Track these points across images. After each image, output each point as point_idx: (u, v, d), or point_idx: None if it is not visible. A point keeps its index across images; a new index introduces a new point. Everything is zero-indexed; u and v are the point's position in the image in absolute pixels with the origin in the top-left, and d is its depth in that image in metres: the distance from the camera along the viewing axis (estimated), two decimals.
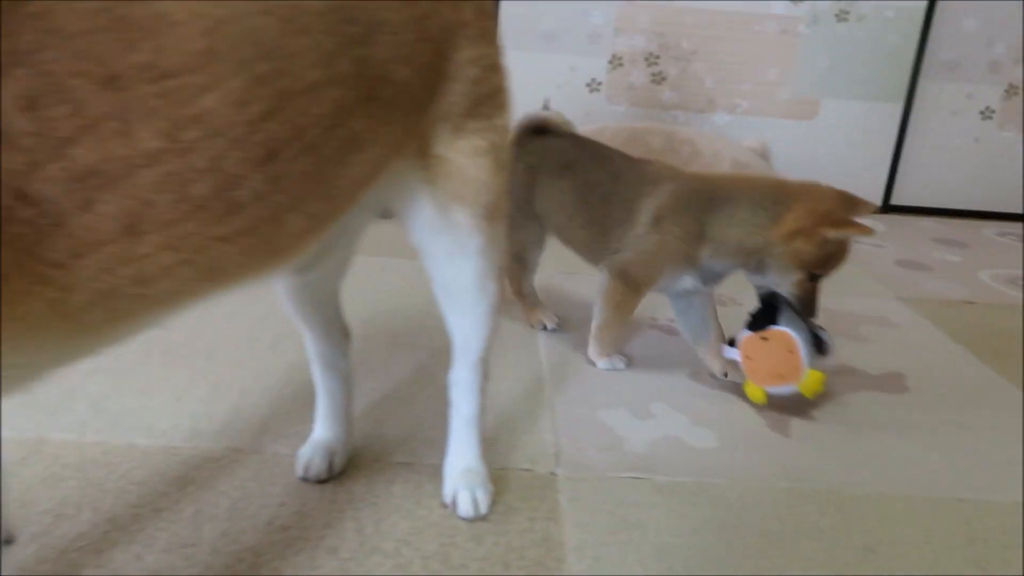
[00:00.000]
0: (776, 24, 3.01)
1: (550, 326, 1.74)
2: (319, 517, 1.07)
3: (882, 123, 3.10)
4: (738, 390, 1.50)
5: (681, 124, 3.05)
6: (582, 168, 1.62)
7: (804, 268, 1.40)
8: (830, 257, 1.41)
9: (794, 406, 1.47)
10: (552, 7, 2.97)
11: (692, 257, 1.48)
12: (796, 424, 1.43)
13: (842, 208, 1.40)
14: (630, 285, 1.55)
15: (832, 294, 2.16)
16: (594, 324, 1.60)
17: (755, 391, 1.43)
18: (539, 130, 1.72)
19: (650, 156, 1.80)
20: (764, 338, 1.41)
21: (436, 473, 1.17)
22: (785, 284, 1.43)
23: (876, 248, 2.68)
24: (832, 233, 1.36)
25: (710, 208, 1.46)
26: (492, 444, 1.27)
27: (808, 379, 1.38)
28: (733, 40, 3.03)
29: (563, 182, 1.63)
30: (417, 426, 1.32)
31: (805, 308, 1.44)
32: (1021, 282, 2.42)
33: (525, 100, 1.40)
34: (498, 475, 1.19)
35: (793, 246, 1.38)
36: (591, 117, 2.97)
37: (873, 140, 3.14)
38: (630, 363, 1.60)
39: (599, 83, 3.06)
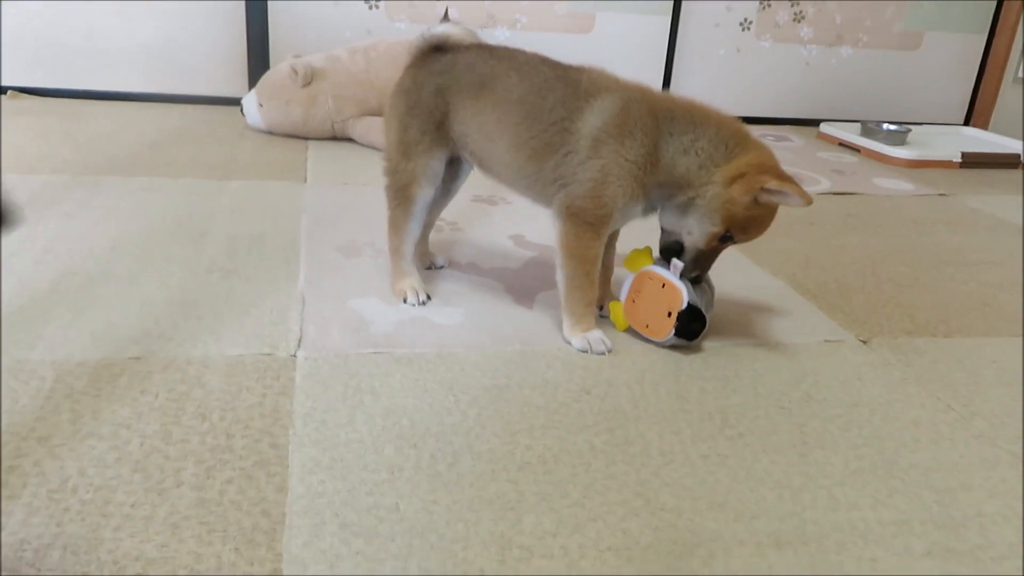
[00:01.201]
0: None
1: (411, 300, 1.45)
2: (31, 413, 1.04)
3: (654, 36, 3.27)
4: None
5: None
6: (501, 83, 1.38)
7: (726, 222, 1.27)
8: (753, 220, 1.29)
9: (544, 281, 1.57)
10: None
11: (646, 186, 1.30)
12: (540, 296, 1.53)
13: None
14: (585, 227, 1.31)
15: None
16: (561, 292, 1.37)
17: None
18: (441, 47, 1.45)
19: None
20: (663, 284, 1.34)
21: (168, 365, 1.16)
22: (698, 233, 1.30)
23: None
24: (773, 185, 1.23)
25: (668, 130, 1.28)
26: (234, 335, 1.28)
27: (615, 311, 1.42)
28: None
29: (480, 102, 1.39)
30: (153, 323, 1.30)
31: (697, 266, 1.33)
32: None
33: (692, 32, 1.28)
34: (235, 361, 1.20)
35: (730, 192, 1.25)
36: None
37: (647, 52, 3.31)
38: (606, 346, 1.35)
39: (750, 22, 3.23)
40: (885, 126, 3.14)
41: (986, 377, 1.35)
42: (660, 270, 1.36)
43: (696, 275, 1.34)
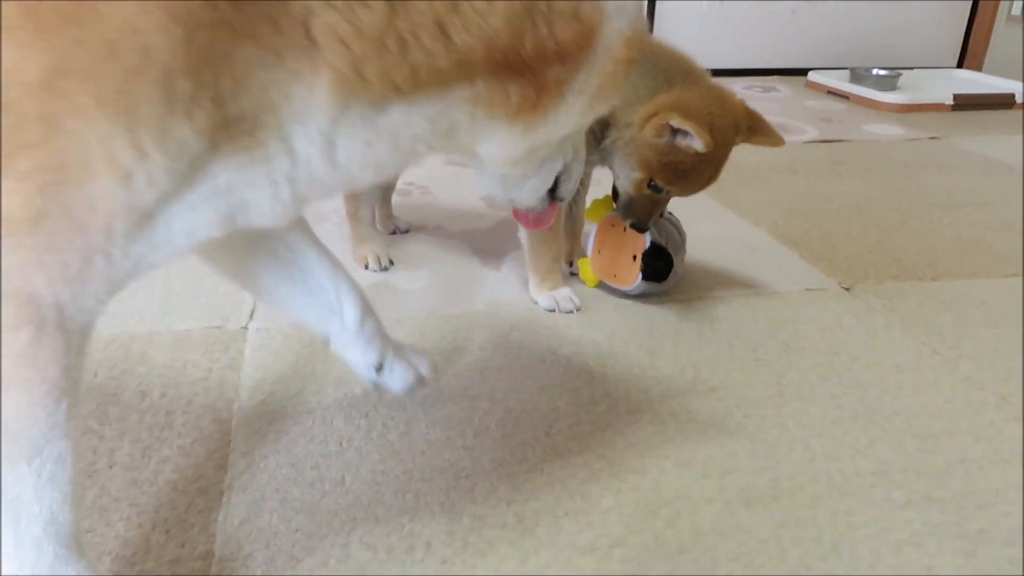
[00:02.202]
0: None
1: (372, 266, 1.38)
2: None
3: None
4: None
5: None
6: None
7: (644, 167, 1.16)
8: (675, 167, 1.15)
9: (516, 242, 1.51)
10: None
11: (596, 134, 1.20)
12: (511, 257, 1.47)
13: (734, 122, 1.17)
14: None
15: None
16: (525, 249, 1.30)
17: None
18: None
19: None
20: (625, 229, 1.26)
21: (112, 342, 1.11)
22: (623, 179, 1.21)
23: None
24: (676, 122, 1.09)
25: None
26: (184, 309, 1.22)
27: (583, 268, 1.36)
28: None
29: None
30: None
31: (630, 213, 1.22)
32: None
33: None
34: (183, 335, 1.14)
35: (642, 133, 1.14)
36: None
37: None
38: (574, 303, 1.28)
39: None
40: (875, 71, 3.05)
41: (973, 319, 1.29)
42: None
43: (634, 222, 1.23)
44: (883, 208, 1.82)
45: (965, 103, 2.86)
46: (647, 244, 1.26)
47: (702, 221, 1.67)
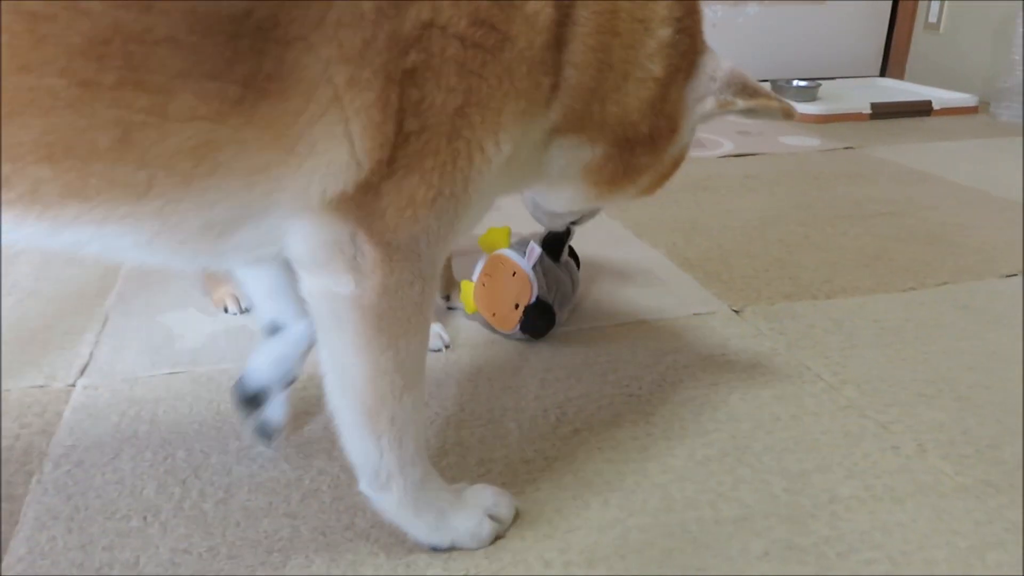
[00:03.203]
0: None
1: (231, 308, 1.30)
2: None
3: None
4: None
5: None
6: None
7: None
8: None
9: None
10: None
11: None
12: None
13: None
14: None
15: None
16: None
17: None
18: None
19: None
20: (513, 273, 1.20)
21: None
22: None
23: None
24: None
25: None
26: (9, 366, 1.11)
27: (465, 291, 1.26)
28: None
29: None
30: None
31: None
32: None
33: None
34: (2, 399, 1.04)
35: None
36: None
37: None
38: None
39: None
40: (795, 83, 3.03)
41: (864, 339, 1.24)
42: (514, 255, 1.21)
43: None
44: (789, 222, 1.77)
45: (883, 112, 2.85)
46: (532, 297, 1.19)
47: (597, 244, 1.61)
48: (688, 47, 0.79)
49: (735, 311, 1.33)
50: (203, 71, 0.57)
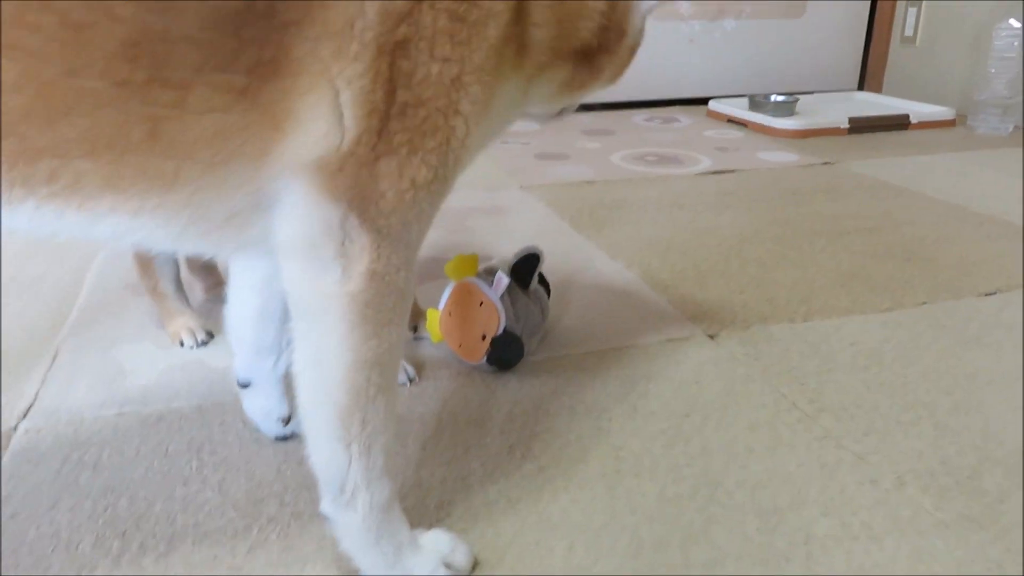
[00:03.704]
0: None
1: (188, 342, 1.24)
2: None
3: None
4: None
5: None
6: None
7: None
8: None
9: None
10: None
11: None
12: None
13: None
14: None
15: (453, 193, 2.12)
16: None
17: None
18: None
19: None
20: (480, 303, 1.16)
21: None
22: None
23: (521, 145, 2.68)
24: None
25: None
26: None
27: (431, 320, 1.22)
28: None
29: None
30: None
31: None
32: (648, 158, 2.51)
33: None
34: None
35: None
36: None
37: None
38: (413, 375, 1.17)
39: None
40: (772, 98, 3.02)
41: (841, 362, 1.20)
42: (481, 285, 1.17)
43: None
44: (765, 240, 1.74)
45: (861, 126, 2.84)
46: (500, 328, 1.15)
47: (570, 267, 1.57)
48: None
49: (710, 336, 1.29)
50: (214, 64, 0.62)
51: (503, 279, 1.15)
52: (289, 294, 0.72)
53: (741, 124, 2.99)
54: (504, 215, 1.93)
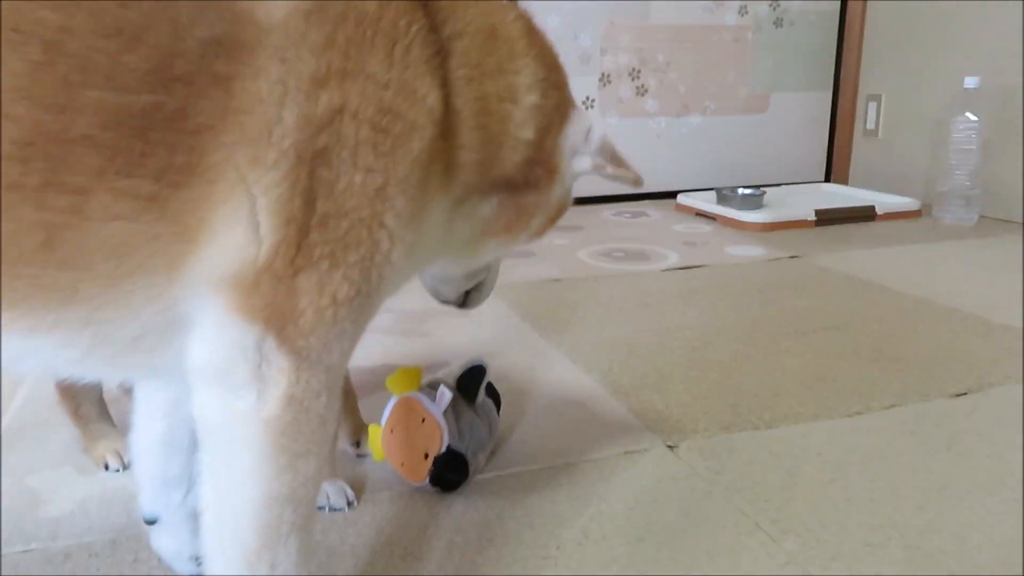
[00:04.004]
0: None
1: (113, 465, 1.17)
2: None
3: None
4: None
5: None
6: None
7: None
8: None
9: None
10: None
11: None
12: None
13: None
14: None
15: (410, 295, 2.08)
16: None
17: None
18: None
19: None
20: (423, 419, 1.10)
21: None
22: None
23: None
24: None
25: None
26: None
27: (373, 437, 1.15)
28: None
29: None
30: None
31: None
32: (616, 254, 2.49)
33: None
34: None
35: None
36: None
37: None
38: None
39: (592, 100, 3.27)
40: (740, 191, 3.04)
41: (806, 475, 1.14)
42: (423, 400, 1.11)
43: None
44: (729, 340, 1.69)
45: (827, 218, 2.85)
46: (443, 447, 1.08)
47: (527, 371, 1.51)
48: (557, 102, 0.85)
49: (670, 446, 1.23)
50: (117, 168, 0.58)
51: (446, 393, 1.09)
52: (198, 420, 0.67)
53: (710, 217, 3.00)
54: (464, 317, 1.88)
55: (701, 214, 3.05)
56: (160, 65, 0.59)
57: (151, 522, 0.90)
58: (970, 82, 2.75)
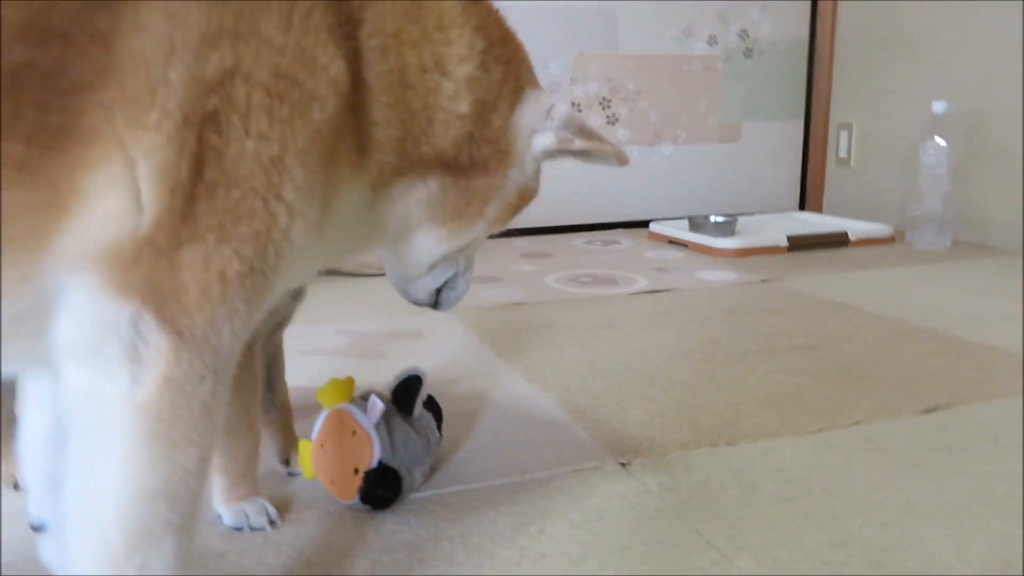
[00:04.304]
0: None
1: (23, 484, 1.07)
2: None
3: None
4: None
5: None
6: None
7: None
8: None
9: None
10: None
11: None
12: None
13: None
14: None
15: (366, 317, 2.01)
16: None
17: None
18: None
19: None
20: (353, 432, 1.02)
21: None
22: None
23: None
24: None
25: None
26: None
27: (303, 452, 1.07)
28: None
29: None
30: None
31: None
32: (583, 279, 2.43)
33: None
34: None
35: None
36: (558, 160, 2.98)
37: None
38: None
39: None
40: (712, 218, 3.01)
41: (765, 492, 1.07)
42: (354, 412, 1.04)
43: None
44: (694, 360, 1.63)
45: (800, 244, 2.81)
46: (374, 461, 1.01)
47: (482, 392, 1.44)
48: (502, 76, 0.80)
49: (622, 464, 1.16)
50: None
51: (376, 403, 1.02)
52: (67, 406, 0.60)
53: (681, 245, 2.95)
54: (422, 339, 1.81)
55: (673, 242, 3.01)
56: (34, 19, 0.54)
57: (38, 529, 0.82)
58: (938, 107, 2.74)
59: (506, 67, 0.81)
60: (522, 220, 0.91)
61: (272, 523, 0.99)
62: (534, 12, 3.08)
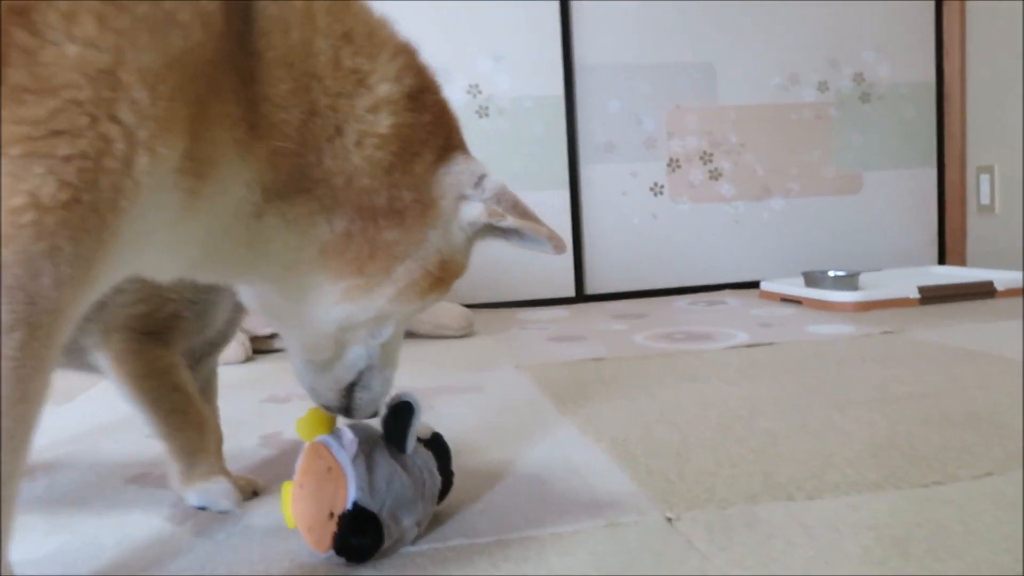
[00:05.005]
0: None
1: None
2: None
3: (553, 211, 2.96)
4: None
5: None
6: None
7: None
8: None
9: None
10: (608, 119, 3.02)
11: None
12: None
13: None
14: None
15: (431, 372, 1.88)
16: (154, 427, 0.96)
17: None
18: None
19: None
20: (329, 468, 0.87)
21: None
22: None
23: (539, 330, 2.44)
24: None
25: None
26: None
27: (284, 497, 0.92)
28: None
29: None
30: None
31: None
32: (676, 336, 2.21)
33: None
34: None
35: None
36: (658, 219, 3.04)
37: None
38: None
39: (661, 185, 3.08)
40: (832, 273, 2.72)
41: (847, 553, 0.82)
42: (332, 444, 0.89)
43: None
44: (784, 408, 1.38)
45: (934, 295, 2.47)
46: (348, 503, 0.85)
47: (524, 440, 1.26)
48: (432, 125, 0.73)
49: (668, 518, 0.94)
50: None
51: (346, 433, 0.87)
52: None
53: (795, 302, 2.67)
54: (479, 393, 1.65)
55: (787, 299, 2.73)
56: None
57: None
58: None
59: (437, 118, 0.74)
60: (616, 283, 0.75)
61: (236, 506, 0.92)
62: (628, 72, 2.98)
